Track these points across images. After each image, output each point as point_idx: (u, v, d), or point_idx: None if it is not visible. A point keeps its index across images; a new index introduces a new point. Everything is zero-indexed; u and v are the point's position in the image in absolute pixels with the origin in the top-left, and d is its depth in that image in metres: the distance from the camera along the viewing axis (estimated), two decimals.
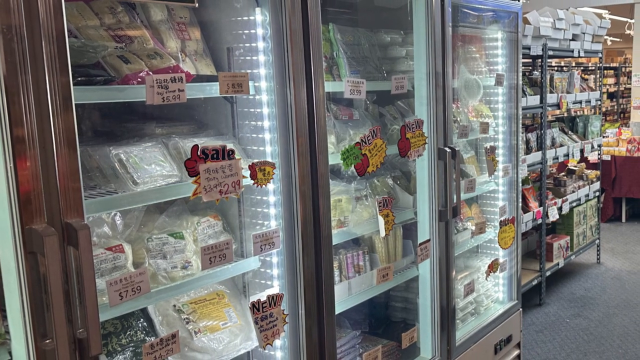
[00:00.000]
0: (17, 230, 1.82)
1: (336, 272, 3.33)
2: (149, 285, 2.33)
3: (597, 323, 6.56)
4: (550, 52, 7.01)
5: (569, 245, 7.74)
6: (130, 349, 2.53)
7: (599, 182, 8.46)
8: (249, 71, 2.75)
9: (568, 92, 7.74)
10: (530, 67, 8.37)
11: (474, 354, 4.18)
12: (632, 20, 12.40)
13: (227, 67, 2.90)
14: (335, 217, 3.28)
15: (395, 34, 3.91)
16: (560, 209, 7.35)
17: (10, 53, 1.76)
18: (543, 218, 6.96)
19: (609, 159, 10.63)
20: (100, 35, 2.42)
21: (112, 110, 2.83)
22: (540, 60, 7.06)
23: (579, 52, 7.64)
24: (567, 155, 7.58)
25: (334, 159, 3.10)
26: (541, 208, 6.94)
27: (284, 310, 2.80)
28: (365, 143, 3.14)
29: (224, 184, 2.43)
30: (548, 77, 7.19)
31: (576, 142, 7.97)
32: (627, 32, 14.63)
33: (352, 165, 3.11)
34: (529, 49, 6.54)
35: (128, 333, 2.57)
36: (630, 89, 14.53)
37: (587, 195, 8.09)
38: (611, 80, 19.99)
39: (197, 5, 2.33)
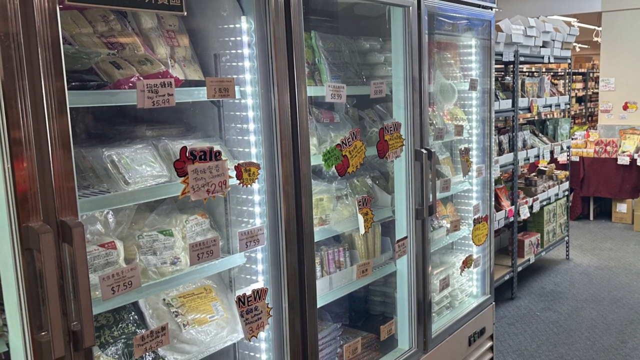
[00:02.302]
0: (14, 227, 1.83)
1: (318, 268, 3.34)
2: (140, 280, 2.34)
3: (566, 316, 6.61)
4: (522, 58, 7.05)
5: (539, 242, 7.78)
6: (122, 340, 2.54)
7: (568, 182, 8.52)
8: (235, 76, 2.76)
9: (538, 97, 7.79)
10: (503, 73, 8.41)
11: (449, 346, 4.20)
12: (600, 28, 12.49)
13: (214, 73, 2.90)
14: (317, 215, 3.29)
15: (374, 41, 3.93)
16: (531, 207, 7.40)
17: (7, 59, 1.77)
18: (515, 216, 7.00)
19: (578, 160, 10.70)
20: (94, 42, 2.42)
21: (104, 113, 2.82)
22: (512, 66, 7.11)
23: (549, 58, 7.69)
24: (537, 156, 7.63)
25: (316, 160, 3.11)
26: (513, 207, 6.98)
27: (268, 304, 2.81)
28: (346, 145, 3.16)
29: (211, 184, 2.44)
30: (519, 82, 7.23)
31: (546, 144, 8.02)
32: (595, 39, 14.73)
33: (333, 166, 3.13)
34: (502, 55, 6.58)
35: (120, 325, 2.58)
36: (597, 93, 14.64)
37: (557, 195, 8.15)
38: (579, 85, 20.08)
39: (185, 13, 2.33)
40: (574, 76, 19.51)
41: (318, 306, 3.08)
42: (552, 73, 16.86)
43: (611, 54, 11.86)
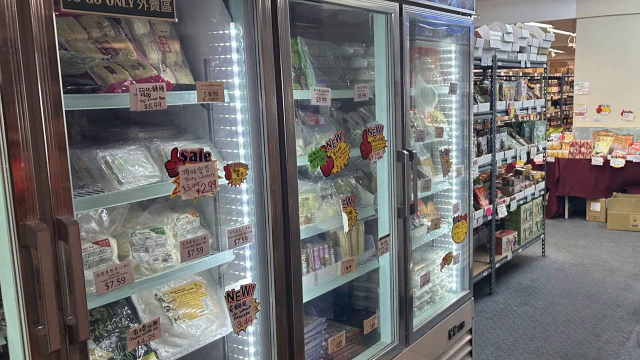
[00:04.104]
0: (12, 226, 1.84)
1: (304, 264, 3.36)
2: (133, 276, 2.35)
3: (542, 311, 6.66)
4: (500, 63, 7.08)
5: (516, 239, 7.82)
6: (116, 334, 2.55)
7: (543, 182, 8.56)
8: (224, 80, 2.77)
9: (516, 100, 7.83)
10: (481, 77, 8.46)
11: (429, 339, 4.23)
12: (574, 34, 12.57)
13: (204, 77, 2.90)
14: (303, 214, 3.31)
15: (358, 47, 3.94)
16: (508, 206, 7.43)
17: (5, 64, 1.78)
18: (493, 215, 7.05)
19: (553, 160, 10.76)
20: (88, 47, 2.42)
21: (99, 116, 2.82)
22: (490, 70, 7.15)
23: (525, 63, 7.73)
24: (514, 157, 7.66)
25: (302, 160, 3.12)
26: (491, 206, 7.02)
27: (256, 299, 2.81)
28: (331, 146, 3.17)
29: (201, 184, 2.45)
30: (497, 86, 7.27)
31: (523, 145, 8.06)
32: (570, 44, 14.84)
33: (319, 167, 3.14)
34: (480, 60, 6.61)
35: (113, 320, 2.58)
36: (572, 96, 14.72)
37: (533, 194, 8.19)
38: (555, 89, 20.19)
39: (176, 20, 2.34)
40: (550, 80, 19.62)
41: (304, 301, 3.09)
42: (528, 77, 16.94)
43: (585, 59, 11.96)
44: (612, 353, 5.55)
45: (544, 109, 8.54)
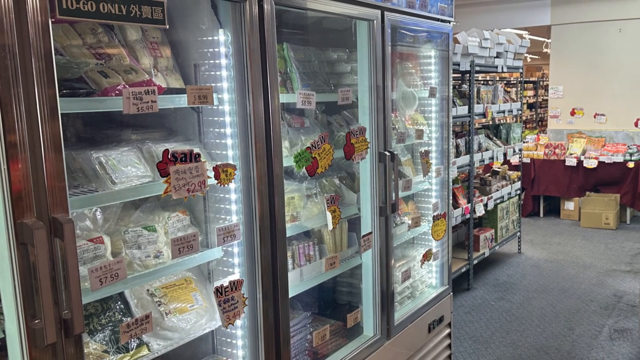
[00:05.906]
0: (10, 224, 1.84)
1: (290, 261, 3.36)
2: (126, 272, 2.35)
3: (518, 305, 6.71)
4: (477, 68, 7.12)
5: (493, 237, 7.87)
6: (109, 328, 2.55)
7: (519, 182, 8.62)
8: (213, 84, 2.77)
9: (493, 103, 7.87)
10: (460, 81, 8.49)
11: (410, 332, 4.24)
12: (549, 40, 12.65)
13: (194, 81, 2.91)
14: (289, 212, 3.32)
15: (342, 52, 3.96)
16: (486, 205, 7.48)
17: (4, 69, 1.78)
18: (471, 213, 7.09)
19: (529, 161, 10.83)
20: (83, 53, 2.43)
21: (93, 118, 2.82)
22: (468, 75, 7.18)
23: (502, 67, 7.77)
24: (492, 158, 7.70)
25: (288, 161, 3.14)
26: (469, 204, 7.05)
27: (243, 294, 2.83)
28: (315, 147, 3.19)
29: (191, 184, 2.45)
30: (475, 89, 7.30)
31: (500, 146, 8.11)
32: (545, 50, 14.92)
33: (304, 167, 3.16)
34: (459, 65, 6.65)
35: (107, 314, 2.59)
36: (547, 100, 14.80)
37: (510, 194, 8.24)
38: (530, 93, 20.27)
39: (167, 26, 2.35)
40: (526, 84, 19.72)
41: (290, 296, 3.10)
42: (505, 81, 17.02)
43: (559, 64, 12.04)
44: (585, 346, 5.60)
45: (519, 112, 8.59)
